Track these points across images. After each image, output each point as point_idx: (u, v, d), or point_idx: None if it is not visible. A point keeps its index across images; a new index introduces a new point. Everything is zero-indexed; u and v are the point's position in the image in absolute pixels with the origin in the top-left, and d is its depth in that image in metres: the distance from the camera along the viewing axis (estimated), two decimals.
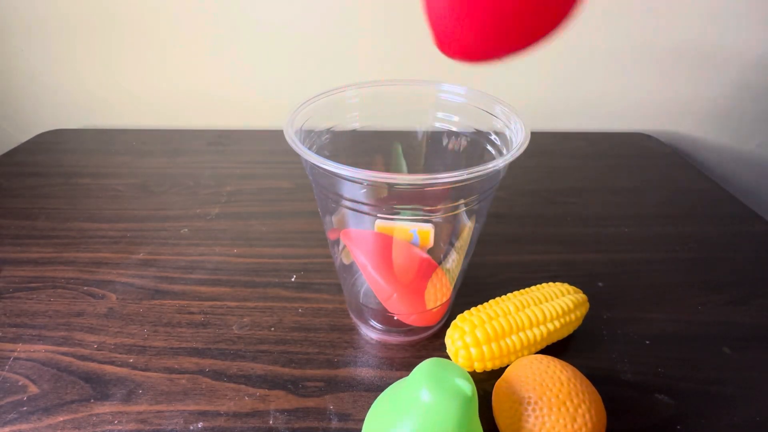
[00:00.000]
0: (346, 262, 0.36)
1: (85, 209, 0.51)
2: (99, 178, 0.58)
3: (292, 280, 0.42)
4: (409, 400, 0.24)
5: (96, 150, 0.65)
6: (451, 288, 0.35)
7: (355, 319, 0.37)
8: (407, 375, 0.26)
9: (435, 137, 0.37)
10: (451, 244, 0.33)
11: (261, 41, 0.65)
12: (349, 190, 0.28)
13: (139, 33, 0.65)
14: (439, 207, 0.28)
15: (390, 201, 0.27)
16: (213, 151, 0.65)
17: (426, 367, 0.25)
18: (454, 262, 0.34)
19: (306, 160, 0.27)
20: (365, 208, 0.28)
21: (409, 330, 0.36)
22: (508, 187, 0.55)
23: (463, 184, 0.25)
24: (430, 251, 0.33)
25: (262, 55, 0.66)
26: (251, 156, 0.64)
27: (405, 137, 0.38)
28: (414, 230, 0.31)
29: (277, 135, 0.70)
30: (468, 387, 0.24)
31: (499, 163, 0.25)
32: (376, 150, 0.38)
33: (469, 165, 0.24)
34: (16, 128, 0.73)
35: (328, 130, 0.34)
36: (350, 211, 0.29)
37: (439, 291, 0.34)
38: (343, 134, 0.35)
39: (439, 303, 0.35)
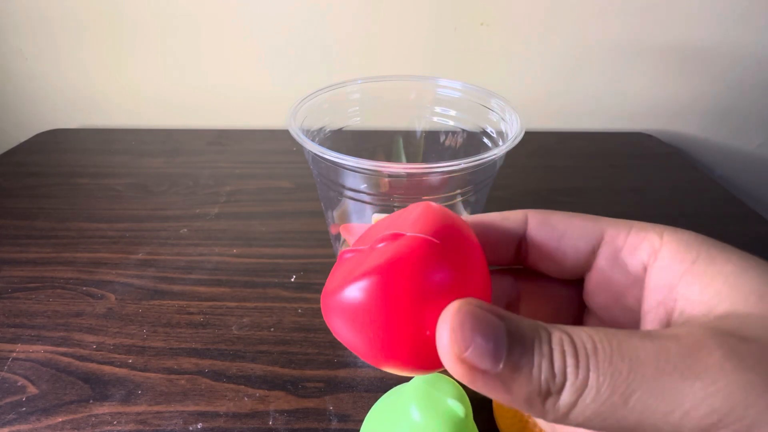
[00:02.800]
0: None
1: (84, 209, 0.51)
2: (98, 178, 0.58)
3: (292, 280, 0.41)
4: (400, 418, 0.24)
5: (95, 150, 0.65)
6: None
7: None
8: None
9: (433, 135, 0.37)
10: None
11: (260, 40, 0.65)
12: (351, 181, 0.28)
13: (138, 32, 0.65)
14: (435, 198, 0.29)
15: (389, 193, 0.28)
16: (212, 150, 0.65)
17: (418, 384, 0.24)
18: None
19: (309, 151, 0.27)
20: (366, 198, 0.28)
21: None
22: (508, 187, 0.55)
23: (460, 174, 0.26)
24: None
25: (262, 54, 0.66)
26: (251, 156, 0.63)
27: (404, 135, 0.38)
28: None
29: (277, 135, 0.70)
30: (460, 409, 0.23)
31: (495, 152, 0.26)
32: (376, 146, 0.38)
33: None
34: (14, 128, 0.73)
35: (329, 125, 0.34)
36: (351, 206, 0.30)
37: None
38: (344, 130, 0.35)
39: None
